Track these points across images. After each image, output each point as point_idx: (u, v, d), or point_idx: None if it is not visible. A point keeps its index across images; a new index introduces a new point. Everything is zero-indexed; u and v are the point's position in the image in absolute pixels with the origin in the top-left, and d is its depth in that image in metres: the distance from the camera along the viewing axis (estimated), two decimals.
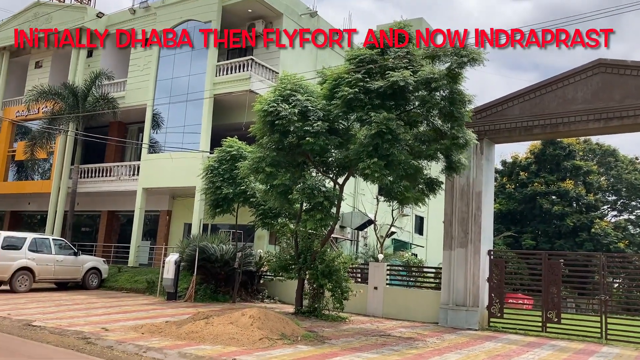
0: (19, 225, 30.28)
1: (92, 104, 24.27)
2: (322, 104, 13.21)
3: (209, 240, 18.73)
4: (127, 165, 24.61)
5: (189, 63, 23.02)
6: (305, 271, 14.70)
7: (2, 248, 17.78)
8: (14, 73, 30.28)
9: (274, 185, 13.58)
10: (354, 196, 25.50)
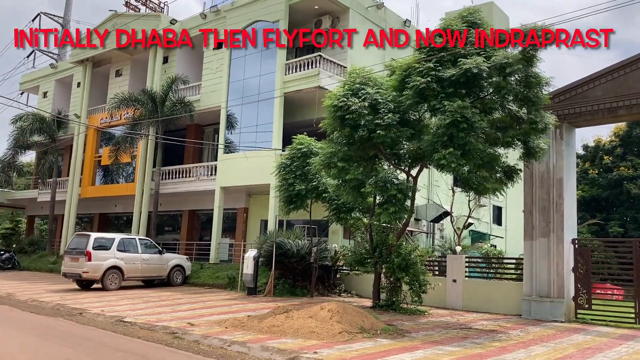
0: (107, 227, 32.06)
1: (169, 108, 25.27)
2: (393, 96, 13.09)
3: (284, 236, 19.06)
4: (204, 165, 25.44)
5: (259, 63, 23.45)
6: (381, 265, 14.64)
7: (93, 249, 18.87)
8: (96, 82, 31.99)
9: (346, 179, 13.63)
10: (428, 188, 25.12)
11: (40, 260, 29.83)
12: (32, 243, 33.87)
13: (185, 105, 25.39)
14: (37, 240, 34.53)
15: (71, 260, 19.22)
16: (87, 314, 13.17)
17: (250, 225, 24.65)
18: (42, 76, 37.35)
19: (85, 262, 18.63)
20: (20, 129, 30.89)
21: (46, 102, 36.01)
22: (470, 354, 8.96)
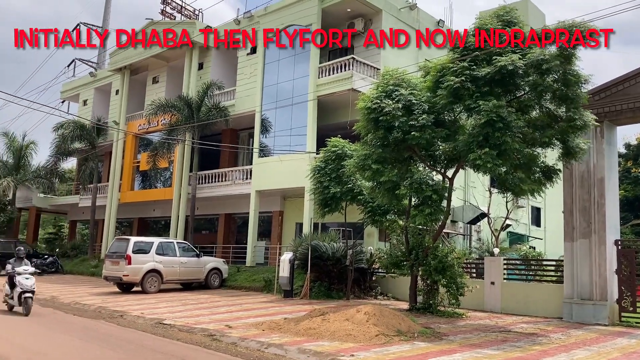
0: (145, 231, 32.70)
1: (205, 113, 25.65)
2: (427, 97, 13.00)
3: (319, 238, 19.09)
4: (240, 169, 25.71)
5: (292, 68, 23.58)
6: (417, 267, 14.53)
7: (133, 252, 19.26)
8: (134, 90, 32.72)
9: (381, 181, 13.59)
10: (464, 189, 24.81)
11: (82, 264, 30.62)
12: (74, 247, 34.79)
13: (221, 110, 25.72)
14: (79, 245, 35.45)
15: (112, 263, 19.67)
16: (128, 316, 13.45)
17: (286, 228, 24.79)
18: (82, 85, 38.41)
19: (125, 265, 19.04)
20: (62, 137, 31.81)
21: (86, 110, 37.01)
22: (510, 357, 8.81)
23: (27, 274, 13.30)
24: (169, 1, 32.09)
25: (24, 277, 13.16)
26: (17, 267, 13.53)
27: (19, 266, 13.61)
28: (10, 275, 13.48)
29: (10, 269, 13.56)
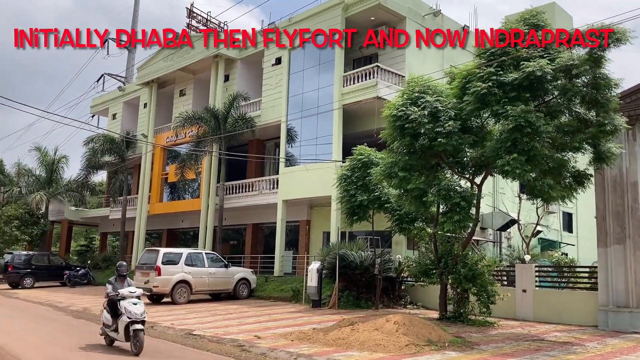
0: (174, 242, 33.05)
1: (232, 124, 25.88)
2: (453, 103, 12.90)
3: (347, 247, 19.03)
4: (267, 179, 25.84)
5: (317, 77, 23.67)
6: (447, 276, 14.35)
7: (162, 263, 19.48)
8: (162, 103, 33.22)
9: (408, 189, 13.49)
10: (493, 195, 24.49)
11: (113, 276, 31.02)
12: (106, 259, 35.35)
13: (247, 121, 25.93)
14: (109, 256, 36.00)
15: (142, 275, 19.91)
16: (158, 327, 13.58)
17: (313, 238, 24.77)
18: (111, 99, 39.17)
19: (155, 276, 19.26)
20: (92, 150, 32.43)
21: (115, 124, 37.71)
22: None
23: (134, 297, 10.37)
24: (195, 15, 32.53)
25: (131, 302, 10.19)
26: (121, 288, 10.63)
27: (122, 287, 10.71)
28: (113, 299, 10.49)
29: (111, 291, 10.61)
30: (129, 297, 10.28)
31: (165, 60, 31.02)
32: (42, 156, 38.31)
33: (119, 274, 11.06)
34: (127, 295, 10.32)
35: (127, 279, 11.11)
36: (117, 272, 11.14)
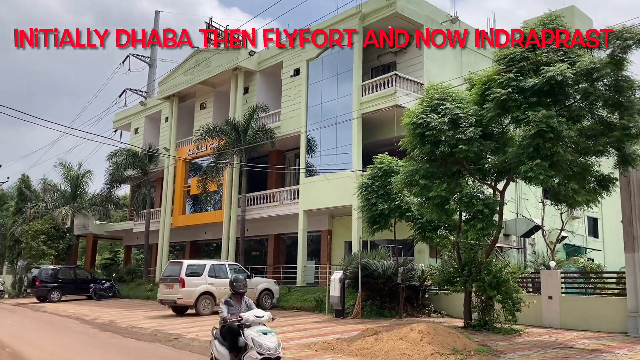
0: (197, 254, 33.29)
1: (252, 136, 26.09)
2: (473, 110, 12.84)
3: (369, 256, 18.97)
4: (287, 190, 25.94)
5: (335, 87, 23.77)
6: (471, 283, 14.21)
7: (186, 275, 19.62)
8: (183, 116, 33.63)
9: (429, 197, 13.44)
10: (516, 202, 24.23)
11: (138, 288, 31.37)
12: (130, 272, 35.72)
13: (267, 133, 26.11)
14: (134, 269, 36.39)
15: (166, 287, 20.08)
16: (183, 339, 13.67)
17: (335, 247, 24.76)
18: (133, 114, 39.78)
19: (179, 288, 19.40)
20: (116, 165, 32.94)
21: (137, 138, 38.25)
22: None
23: (261, 322, 7.44)
24: (214, 29, 32.94)
25: (259, 330, 7.25)
26: (243, 311, 7.66)
27: (241, 309, 7.77)
28: (232, 327, 7.50)
29: (226, 314, 7.59)
30: (255, 324, 7.35)
31: (185, 75, 31.45)
32: (66, 171, 38.95)
33: (236, 291, 7.98)
34: (253, 320, 7.36)
35: (244, 298, 8.03)
36: (232, 289, 8.02)
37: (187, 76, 31.35)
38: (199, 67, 30.56)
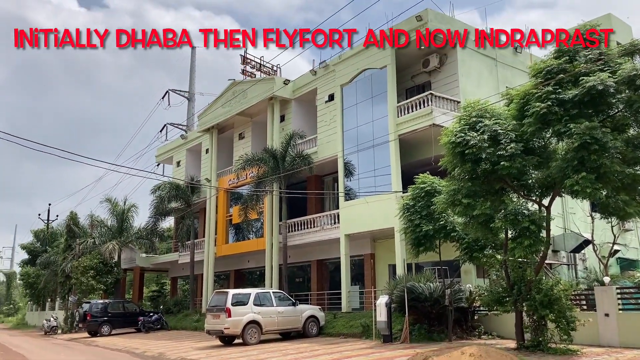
0: (242, 282, 33.47)
1: (290, 163, 26.30)
2: (513, 125, 12.66)
3: (414, 279, 18.70)
4: (327, 215, 25.91)
5: (370, 110, 23.80)
6: (521, 303, 13.82)
7: (232, 305, 19.71)
8: (222, 147, 34.22)
9: (473, 216, 13.22)
10: (563, 216, 23.56)
11: (185, 319, 31.67)
12: (177, 303, 36.14)
13: (304, 159, 26.28)
14: (180, 300, 36.81)
15: (213, 317, 20.20)
16: None
17: (379, 271, 24.51)
18: (174, 147, 40.70)
19: (225, 318, 19.49)
20: (159, 198, 33.65)
21: (180, 171, 39.05)
22: None
23: None
24: (249, 61, 33.62)
25: None
26: None
27: None
28: None
29: None
30: None
31: (223, 107, 32.09)
32: (112, 207, 39.99)
33: None
34: None
35: None
36: None
37: (225, 108, 31.98)
38: (236, 98, 31.16)
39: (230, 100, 31.56)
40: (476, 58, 23.13)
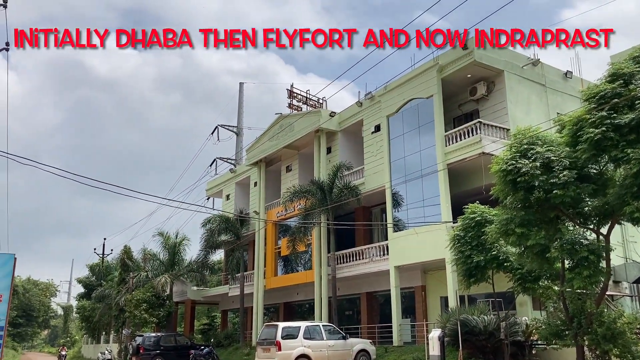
0: (291, 315, 33.34)
1: (337, 194, 26.32)
2: (566, 152, 12.32)
3: (467, 312, 18.20)
4: (376, 246, 25.67)
5: (417, 139, 23.68)
6: (582, 336, 13.22)
7: (282, 338, 19.62)
8: (270, 180, 34.63)
9: (528, 246, 12.81)
10: (623, 245, 22.55)
11: (236, 353, 31.67)
12: (227, 336, 36.25)
13: (351, 190, 26.25)
14: (231, 333, 36.90)
15: (263, 351, 20.15)
16: None
17: (430, 303, 23.99)
18: (223, 181, 41.45)
19: (276, 352, 19.40)
20: (210, 231, 34.16)
21: (229, 204, 39.64)
22: None
23: None
24: (295, 94, 34.17)
25: None
26: None
27: None
28: None
29: None
30: None
31: (271, 140, 32.61)
32: (164, 240, 40.79)
33: None
34: None
35: None
36: None
37: (273, 141, 32.47)
38: (283, 132, 31.63)
39: (278, 134, 32.05)
40: (524, 84, 22.79)
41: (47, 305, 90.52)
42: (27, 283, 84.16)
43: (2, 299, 17.79)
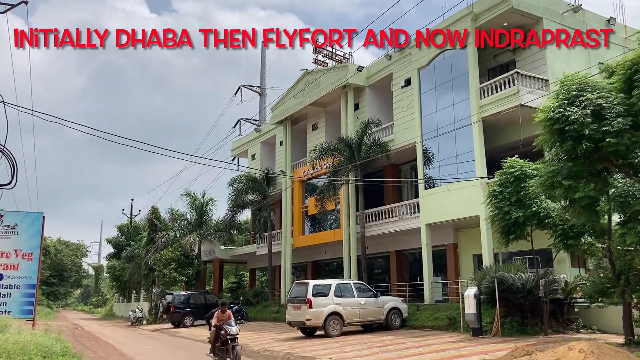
0: (319, 273, 33.24)
1: (365, 152, 25.65)
2: (619, 99, 11.42)
3: (503, 269, 17.67)
4: (406, 204, 25.08)
5: (450, 93, 22.74)
6: (630, 294, 12.60)
7: (313, 296, 19.37)
8: (296, 139, 34.03)
9: (575, 199, 12.07)
10: None
11: (265, 311, 31.82)
12: (256, 294, 36.45)
13: (381, 147, 25.55)
14: (259, 292, 37.09)
15: (294, 308, 19.97)
16: None
17: (462, 261, 23.48)
18: (248, 141, 41.01)
19: (307, 309, 19.19)
20: (237, 190, 33.98)
21: (255, 164, 39.29)
22: None
23: None
24: (320, 50, 33.16)
25: None
26: None
27: None
28: None
29: None
30: None
31: (296, 97, 31.86)
32: (192, 200, 40.86)
33: None
34: None
35: None
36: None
37: (298, 99, 31.73)
38: (309, 88, 30.82)
39: (303, 91, 31.27)
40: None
41: (79, 265, 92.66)
42: (58, 244, 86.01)
43: (32, 257, 17.81)
